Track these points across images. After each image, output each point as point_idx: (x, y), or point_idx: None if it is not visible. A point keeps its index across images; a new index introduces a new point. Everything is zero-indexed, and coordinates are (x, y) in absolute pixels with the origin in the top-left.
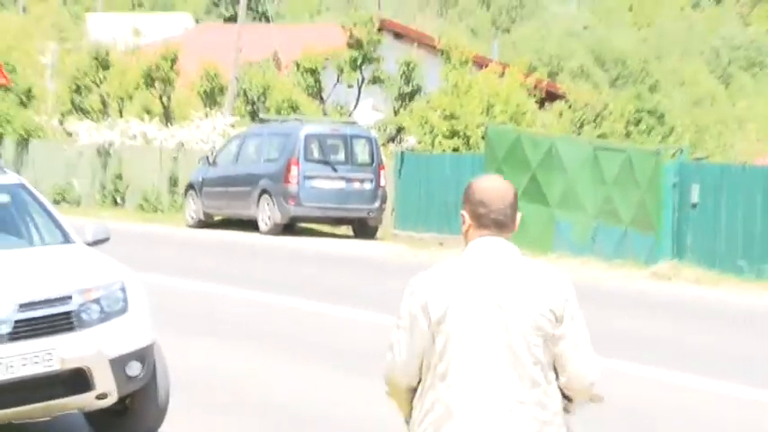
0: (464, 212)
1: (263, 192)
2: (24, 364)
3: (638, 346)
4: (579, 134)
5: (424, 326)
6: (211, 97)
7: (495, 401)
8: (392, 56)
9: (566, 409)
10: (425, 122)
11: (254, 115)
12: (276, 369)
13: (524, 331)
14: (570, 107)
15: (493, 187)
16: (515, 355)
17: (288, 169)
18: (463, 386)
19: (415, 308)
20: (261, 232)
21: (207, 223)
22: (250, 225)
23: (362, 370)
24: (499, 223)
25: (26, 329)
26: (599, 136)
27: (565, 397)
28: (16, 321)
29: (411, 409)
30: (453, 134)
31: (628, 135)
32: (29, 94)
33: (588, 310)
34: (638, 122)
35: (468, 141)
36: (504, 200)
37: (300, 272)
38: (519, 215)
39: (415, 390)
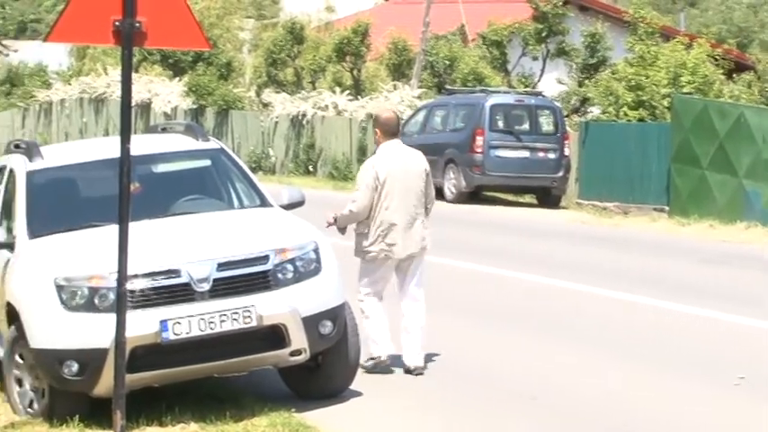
0: (377, 129)
1: (449, 161)
2: (224, 321)
3: None
4: None
5: (375, 184)
6: (399, 70)
7: (409, 213)
8: (577, 28)
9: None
10: (610, 93)
11: (440, 87)
12: (493, 336)
13: (417, 181)
14: (759, 78)
15: (390, 116)
16: (416, 192)
17: (473, 139)
18: (395, 209)
19: (372, 176)
20: (446, 200)
21: None
22: (436, 193)
23: (581, 338)
24: (395, 133)
25: (225, 287)
26: None
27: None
28: (215, 280)
29: (359, 222)
30: (639, 105)
31: None
32: (228, 67)
33: None
34: None
35: (653, 112)
36: (395, 122)
37: (491, 240)
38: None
39: (365, 216)
